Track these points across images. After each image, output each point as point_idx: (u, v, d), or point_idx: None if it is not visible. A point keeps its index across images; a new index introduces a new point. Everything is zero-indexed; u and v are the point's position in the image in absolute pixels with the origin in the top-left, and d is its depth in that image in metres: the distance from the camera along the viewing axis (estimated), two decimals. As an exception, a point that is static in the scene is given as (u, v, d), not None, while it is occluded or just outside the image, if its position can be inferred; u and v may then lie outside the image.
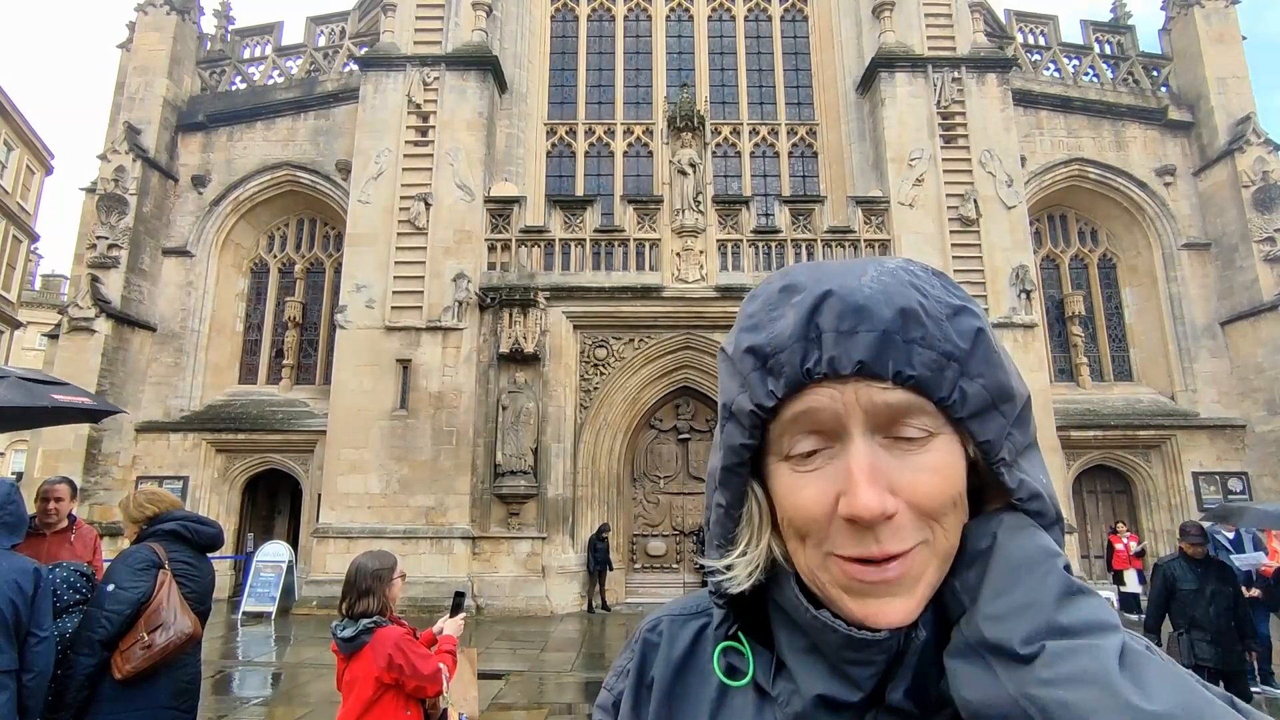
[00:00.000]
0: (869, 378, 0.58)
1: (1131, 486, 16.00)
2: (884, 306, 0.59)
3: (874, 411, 0.59)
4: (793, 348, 0.60)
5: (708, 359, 14.64)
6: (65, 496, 4.50)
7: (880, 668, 0.59)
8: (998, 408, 0.61)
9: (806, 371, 0.59)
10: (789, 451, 0.62)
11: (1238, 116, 16.58)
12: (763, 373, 0.61)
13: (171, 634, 3.02)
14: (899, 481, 0.58)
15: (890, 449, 0.59)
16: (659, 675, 0.74)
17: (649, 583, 14.51)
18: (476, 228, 14.60)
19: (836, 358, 0.58)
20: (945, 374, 0.59)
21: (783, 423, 0.61)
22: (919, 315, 0.60)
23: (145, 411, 15.26)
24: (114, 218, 15.20)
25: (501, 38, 16.46)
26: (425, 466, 13.47)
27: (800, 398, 0.60)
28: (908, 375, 0.58)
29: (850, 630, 0.59)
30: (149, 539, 3.25)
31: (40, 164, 26.57)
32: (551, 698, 7.73)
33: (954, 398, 0.59)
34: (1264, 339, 15.26)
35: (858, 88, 16.62)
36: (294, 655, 10.07)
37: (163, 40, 16.79)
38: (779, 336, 0.61)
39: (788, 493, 0.62)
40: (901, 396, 0.58)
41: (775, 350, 0.61)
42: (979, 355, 0.61)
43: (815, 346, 0.59)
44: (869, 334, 0.58)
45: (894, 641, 0.59)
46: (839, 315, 0.59)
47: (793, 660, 0.65)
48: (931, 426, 0.60)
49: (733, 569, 0.65)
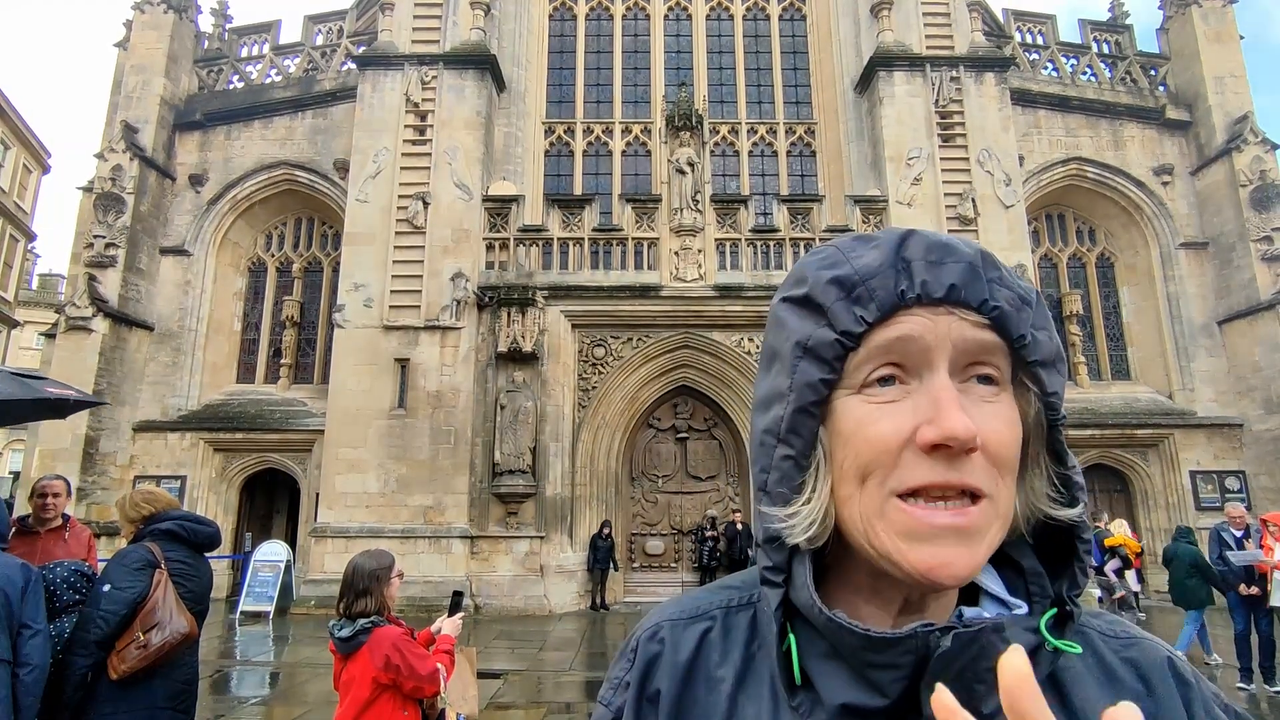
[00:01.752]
0: (959, 305, 0.59)
1: (1129, 485, 16.02)
2: (965, 245, 0.63)
3: (962, 347, 0.59)
4: (884, 273, 0.61)
5: (706, 358, 14.64)
6: (61, 493, 4.48)
7: (906, 672, 0.56)
8: (1057, 365, 0.63)
9: (900, 293, 0.60)
10: (866, 380, 0.61)
11: (1235, 116, 16.59)
12: (848, 301, 0.61)
13: (167, 634, 3.01)
14: (978, 423, 0.58)
15: (965, 393, 0.59)
16: (665, 687, 0.70)
17: (647, 582, 14.51)
18: (475, 227, 14.58)
19: (929, 282, 0.60)
20: (1022, 314, 0.61)
21: (865, 353, 0.61)
22: (994, 259, 0.63)
23: (143, 411, 15.23)
24: (111, 217, 15.16)
25: (500, 37, 16.44)
26: (423, 466, 13.46)
27: (890, 325, 0.60)
28: (993, 306, 0.60)
29: (869, 631, 0.57)
30: (145, 539, 3.23)
31: (37, 163, 26.50)
32: (550, 697, 7.72)
33: (1029, 339, 0.61)
34: (1261, 338, 15.28)
35: (856, 87, 16.62)
36: (292, 655, 10.06)
37: (160, 39, 16.74)
38: (867, 266, 0.62)
39: (861, 425, 0.60)
40: (987, 336, 0.60)
41: (865, 277, 0.61)
42: (1041, 310, 0.64)
43: (905, 274, 0.60)
44: (956, 264, 0.60)
45: (916, 642, 0.56)
46: (927, 248, 0.61)
47: (813, 666, 0.62)
48: (1003, 374, 0.61)
49: (795, 518, 0.62)
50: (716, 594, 0.76)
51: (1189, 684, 0.65)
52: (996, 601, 0.64)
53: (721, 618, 0.73)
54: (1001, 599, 0.64)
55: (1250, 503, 14.45)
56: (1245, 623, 7.81)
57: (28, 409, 4.83)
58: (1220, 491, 15.07)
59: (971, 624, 0.56)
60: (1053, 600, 0.63)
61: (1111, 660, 0.66)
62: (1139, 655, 0.67)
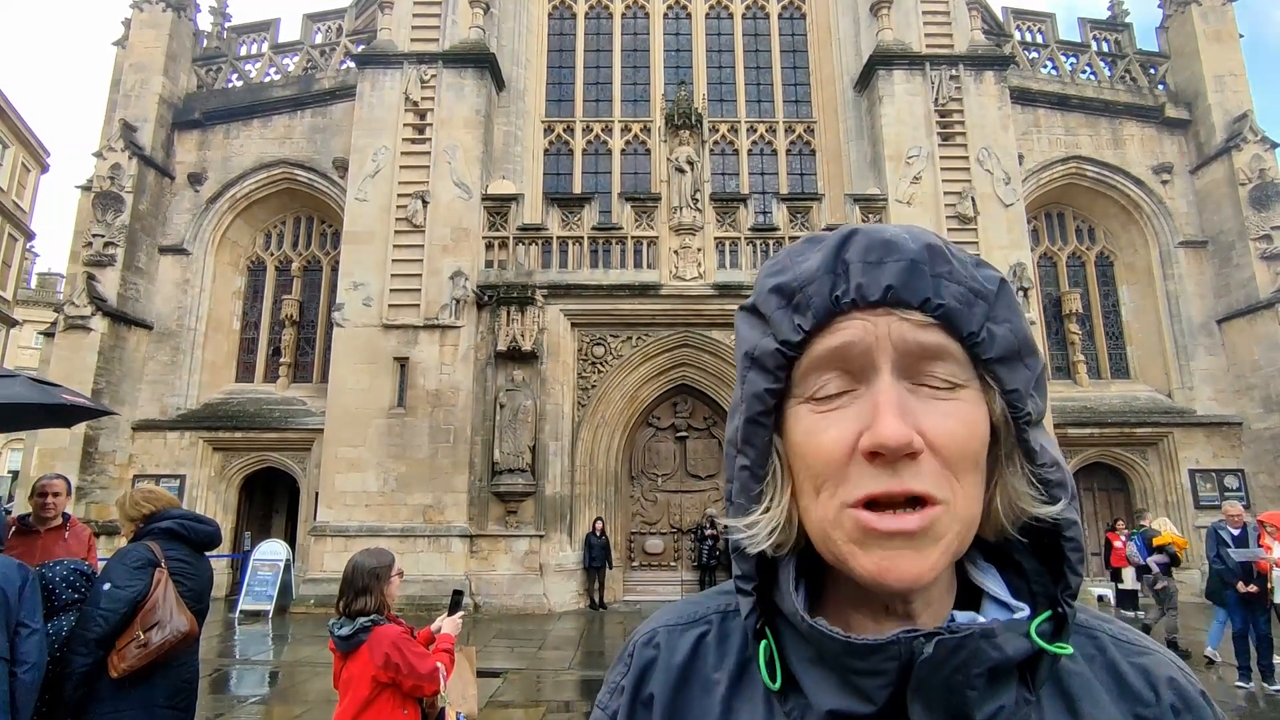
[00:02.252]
0: (898, 306, 0.58)
1: (1129, 484, 16.03)
2: (910, 242, 0.60)
3: (904, 349, 0.58)
4: (820, 279, 0.60)
5: (706, 356, 14.64)
6: (62, 491, 4.49)
7: (891, 678, 0.56)
8: (1023, 359, 0.61)
9: (835, 299, 0.59)
10: (812, 393, 0.60)
11: (1235, 114, 16.59)
12: (788, 309, 0.61)
13: (168, 633, 3.01)
14: (924, 424, 0.56)
15: (916, 393, 0.58)
16: (659, 690, 0.70)
17: (647, 580, 14.52)
18: (474, 226, 14.57)
19: (864, 284, 0.58)
20: (974, 310, 0.59)
21: (809, 361, 0.60)
22: (944, 253, 0.60)
23: (142, 410, 15.22)
24: (110, 215, 15.14)
25: (499, 35, 16.42)
26: (423, 465, 13.45)
27: (829, 331, 0.59)
28: (936, 304, 0.58)
29: (849, 637, 0.57)
30: (145, 538, 3.23)
31: (36, 162, 26.46)
32: (549, 696, 7.72)
33: (982, 335, 0.59)
34: (1260, 337, 15.28)
35: (855, 85, 16.61)
36: (291, 654, 10.06)
37: (159, 37, 16.71)
38: (805, 272, 0.61)
39: (808, 434, 0.60)
40: (931, 336, 0.58)
41: (802, 284, 0.60)
42: (1004, 301, 0.61)
43: (843, 277, 0.59)
44: (896, 263, 0.58)
45: (899, 648, 0.55)
46: (866, 248, 0.60)
47: (801, 672, 0.61)
48: (960, 377, 0.59)
49: (755, 527, 0.62)
50: (714, 599, 0.76)
51: (1193, 706, 0.64)
52: (998, 604, 0.62)
53: (718, 622, 0.72)
54: (1004, 601, 0.62)
55: (1249, 501, 14.46)
56: (1243, 621, 7.82)
57: (40, 415, 4.93)
58: (1219, 490, 15.08)
59: (957, 630, 0.55)
60: (1048, 602, 0.61)
61: (1123, 665, 0.65)
62: (1150, 664, 0.66)
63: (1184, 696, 0.64)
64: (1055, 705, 0.61)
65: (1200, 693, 0.65)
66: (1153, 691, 0.63)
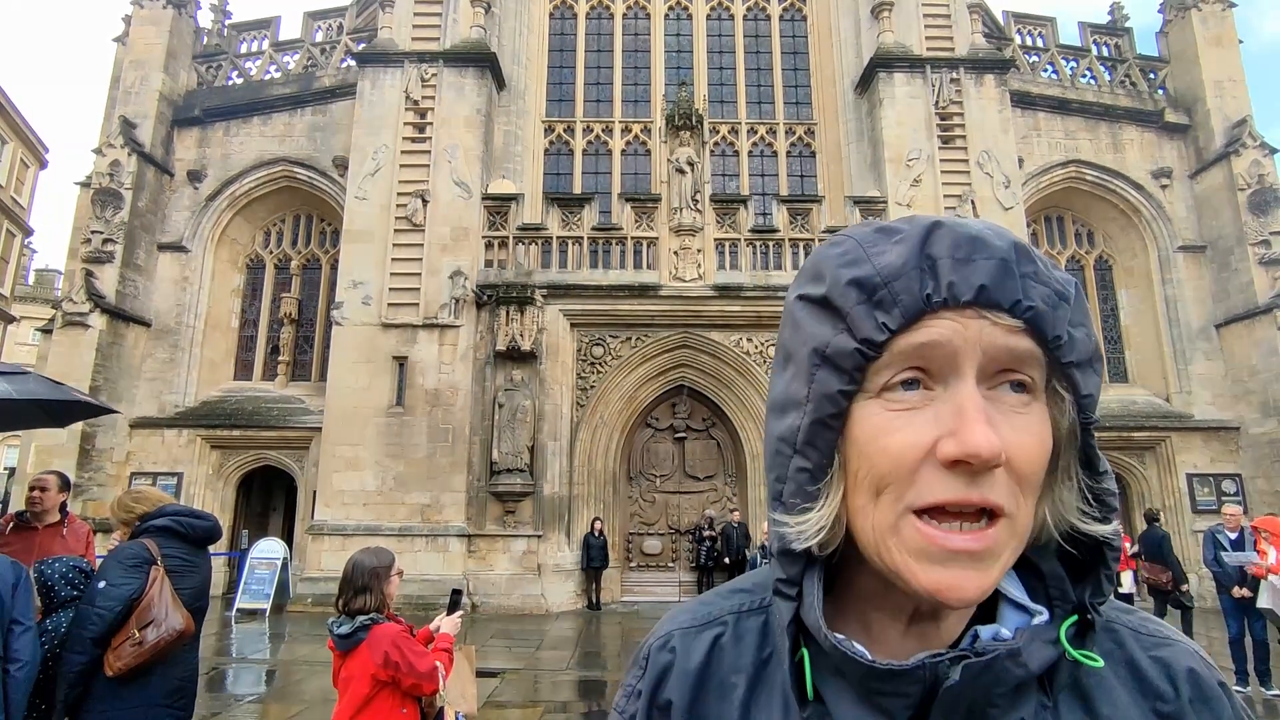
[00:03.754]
0: (989, 307, 0.55)
1: (1126, 488, 16.04)
2: (997, 238, 0.57)
3: (992, 353, 0.55)
4: (908, 275, 0.56)
5: (705, 358, 14.63)
6: (51, 487, 4.49)
7: (915, 700, 0.55)
8: (1094, 365, 0.59)
9: (926, 298, 0.55)
10: (887, 384, 0.57)
11: (1234, 119, 16.62)
12: (870, 305, 0.57)
13: (163, 631, 3.00)
14: (1005, 437, 0.54)
15: (994, 402, 0.56)
16: (677, 695, 0.68)
17: (645, 581, 14.51)
18: (474, 225, 14.56)
19: (956, 283, 0.55)
20: (1059, 312, 0.57)
21: (887, 358, 0.57)
22: (1029, 252, 0.58)
23: (139, 407, 15.18)
24: (109, 212, 15.11)
25: (500, 34, 16.42)
26: (421, 464, 13.44)
27: (915, 330, 0.56)
28: (1027, 306, 0.55)
29: (873, 662, 0.56)
30: (142, 536, 3.22)
31: (34, 158, 26.40)
32: (547, 696, 7.71)
33: (1065, 338, 0.57)
34: (1258, 341, 15.30)
35: (856, 88, 16.62)
36: (288, 653, 10.04)
37: (159, 34, 16.68)
38: (889, 267, 0.57)
39: (878, 434, 0.57)
40: (1020, 341, 0.56)
41: (887, 279, 0.56)
42: (1080, 305, 0.59)
43: (931, 275, 0.56)
44: (987, 261, 0.56)
45: (924, 673, 0.54)
46: (954, 244, 0.57)
47: (821, 682, 0.60)
48: (1036, 381, 0.57)
49: (805, 525, 0.60)
50: (728, 599, 0.74)
51: (1210, 699, 0.63)
52: (1015, 606, 0.61)
53: (733, 623, 0.71)
54: (1022, 605, 0.62)
55: (1246, 505, 14.47)
56: (1239, 626, 7.83)
57: (37, 414, 5.00)
58: (1216, 494, 15.10)
59: (984, 652, 0.55)
60: (1074, 607, 0.60)
61: (1141, 660, 0.64)
62: (1170, 656, 0.64)
63: (1202, 688, 0.63)
64: (1072, 708, 0.60)
65: (1220, 683, 0.64)
66: (1172, 686, 0.62)
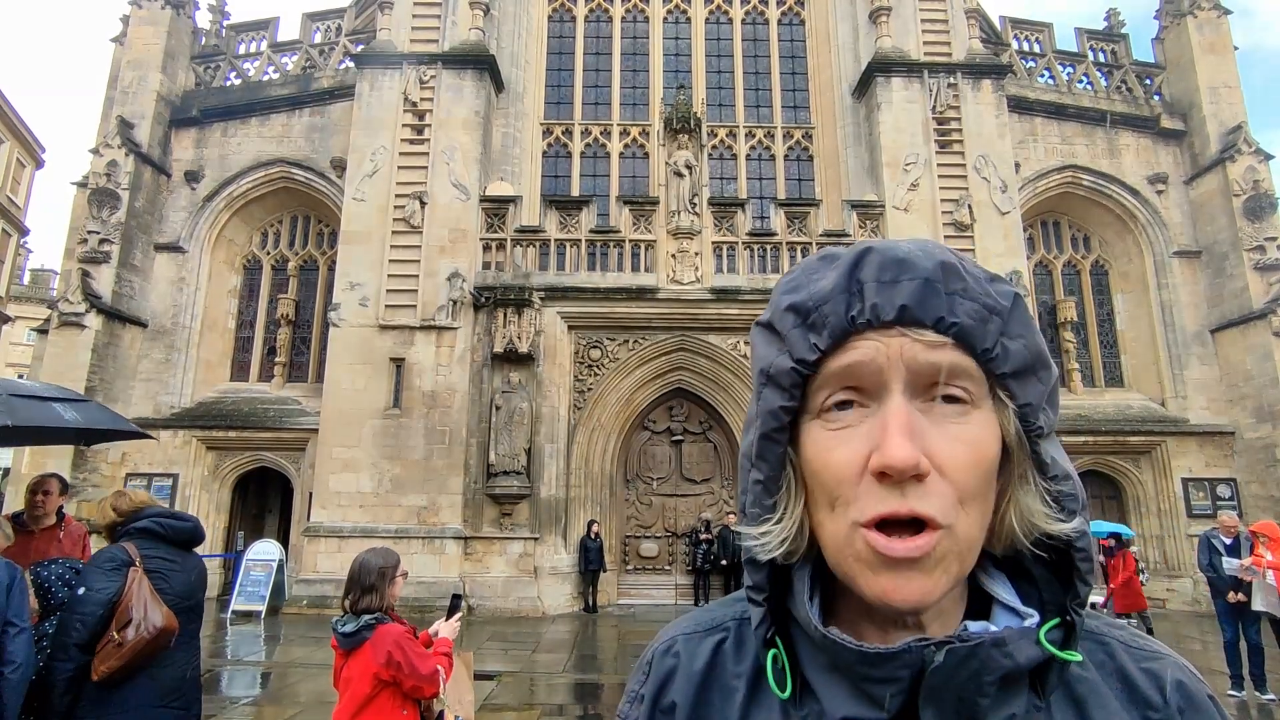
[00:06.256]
0: (912, 325, 0.58)
1: (1122, 492, 16.09)
2: (924, 259, 0.60)
3: (915, 369, 0.58)
4: (835, 299, 0.60)
5: (702, 361, 14.65)
6: (54, 490, 4.47)
7: (904, 686, 0.57)
8: (1036, 373, 0.62)
9: (850, 319, 0.59)
10: (824, 407, 0.61)
11: (1229, 126, 16.70)
12: (804, 328, 0.61)
13: (142, 629, 2.96)
14: (933, 448, 0.57)
15: (928, 414, 0.58)
16: (681, 698, 0.71)
17: (641, 584, 14.50)
18: (471, 227, 14.56)
19: (879, 304, 0.59)
20: (989, 326, 0.59)
21: (823, 379, 0.61)
22: (958, 269, 0.61)
23: (135, 408, 15.10)
24: (106, 212, 15.07)
25: (499, 37, 16.43)
26: (418, 466, 13.41)
27: (843, 351, 0.60)
28: (950, 322, 0.58)
29: (861, 646, 0.58)
30: (122, 539, 3.21)
31: (31, 157, 26.32)
32: (543, 699, 7.70)
33: (997, 351, 0.59)
34: (1253, 346, 15.36)
35: (854, 92, 16.67)
36: (283, 654, 10.00)
37: (157, 34, 16.66)
38: (820, 291, 0.62)
39: (820, 452, 0.61)
40: (944, 356, 0.58)
41: (817, 304, 0.61)
42: (1018, 316, 0.62)
43: (858, 297, 0.60)
44: (911, 282, 0.59)
45: (911, 656, 0.56)
46: (880, 267, 0.60)
47: (815, 678, 0.63)
48: (972, 393, 0.59)
49: (767, 536, 0.64)
50: (730, 606, 0.77)
51: (1198, 708, 0.64)
52: (1009, 611, 0.63)
53: (735, 628, 0.73)
54: (1015, 609, 0.63)
55: (1241, 510, 14.52)
56: (1234, 631, 7.86)
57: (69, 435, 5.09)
58: (1211, 499, 15.16)
59: (968, 638, 0.56)
60: (1058, 610, 0.62)
61: (1132, 670, 0.66)
62: (1159, 668, 0.67)
63: (1190, 698, 0.65)
64: (1065, 711, 0.62)
65: (1208, 695, 0.66)
66: (1161, 695, 0.64)
